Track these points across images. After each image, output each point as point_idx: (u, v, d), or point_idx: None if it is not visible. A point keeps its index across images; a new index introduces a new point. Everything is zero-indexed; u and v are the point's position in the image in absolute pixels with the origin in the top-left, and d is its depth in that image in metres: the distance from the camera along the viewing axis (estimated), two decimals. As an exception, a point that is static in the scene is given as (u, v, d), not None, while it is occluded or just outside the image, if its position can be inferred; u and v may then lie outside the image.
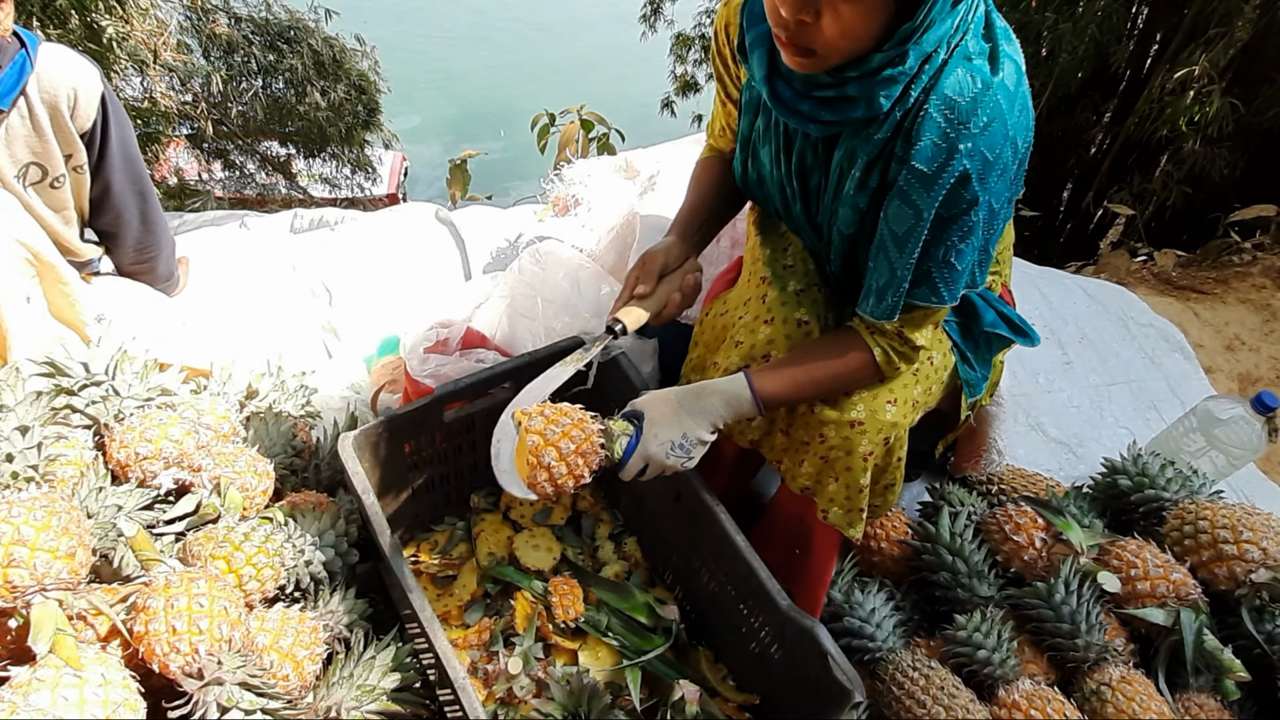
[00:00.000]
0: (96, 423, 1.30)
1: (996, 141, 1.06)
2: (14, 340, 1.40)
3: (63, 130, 1.48)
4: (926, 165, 1.07)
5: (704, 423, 1.20)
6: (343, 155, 7.01)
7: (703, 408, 1.20)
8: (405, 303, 2.24)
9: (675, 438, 1.18)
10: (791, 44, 1.02)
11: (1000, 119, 1.06)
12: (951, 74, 1.05)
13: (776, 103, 1.15)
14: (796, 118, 1.14)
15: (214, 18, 5.65)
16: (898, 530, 1.66)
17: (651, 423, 1.18)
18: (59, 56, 1.44)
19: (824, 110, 1.11)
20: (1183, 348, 2.56)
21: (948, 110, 1.05)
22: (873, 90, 1.06)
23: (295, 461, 1.48)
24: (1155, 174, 4.63)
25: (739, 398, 1.22)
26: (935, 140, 1.06)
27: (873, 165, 1.15)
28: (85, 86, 1.46)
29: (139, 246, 1.72)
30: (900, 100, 1.08)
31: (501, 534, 1.59)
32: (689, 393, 1.22)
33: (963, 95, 1.05)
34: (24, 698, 0.86)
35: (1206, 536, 1.52)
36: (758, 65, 1.15)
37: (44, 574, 0.96)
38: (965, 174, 1.07)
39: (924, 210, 1.10)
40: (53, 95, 1.43)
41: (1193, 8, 4.20)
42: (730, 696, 1.43)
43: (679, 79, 9.39)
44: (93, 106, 1.49)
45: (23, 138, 1.45)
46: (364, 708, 1.17)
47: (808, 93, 1.11)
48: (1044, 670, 1.46)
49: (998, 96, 1.05)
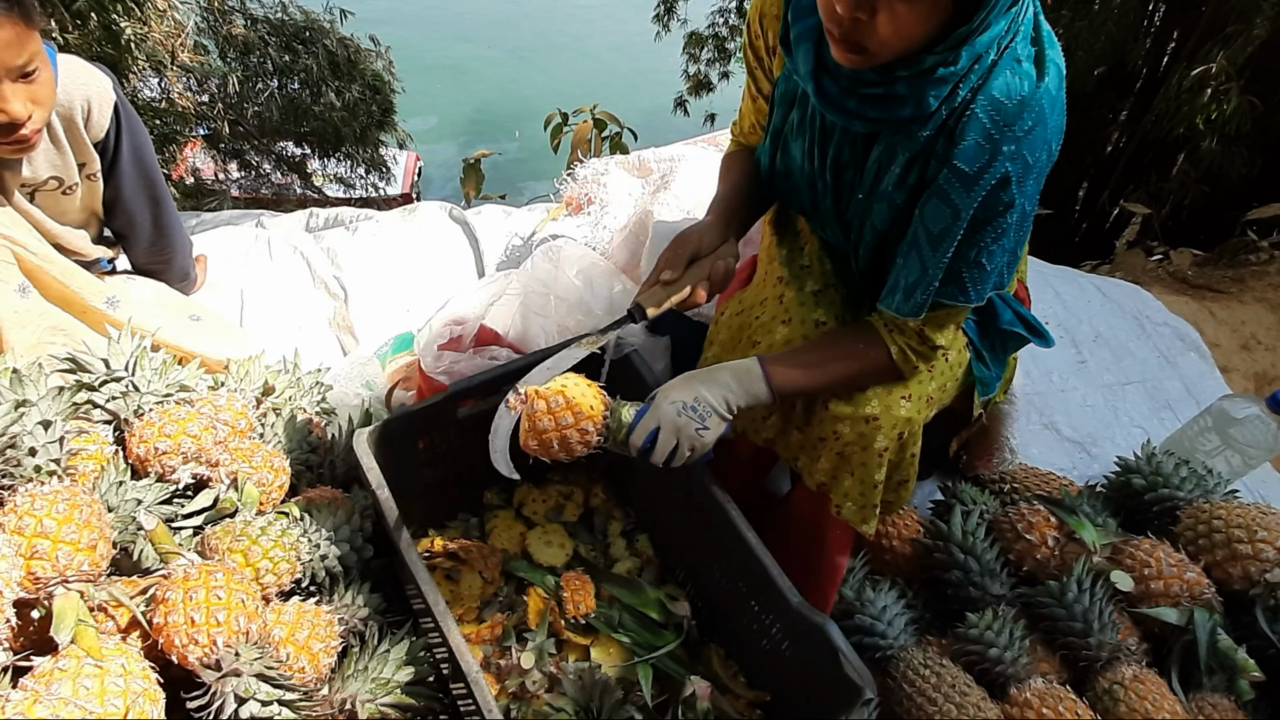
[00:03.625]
0: (117, 418, 1.31)
1: (1037, 146, 1.07)
2: (8, 332, 1.41)
3: (78, 140, 1.50)
4: (969, 165, 1.07)
5: (716, 392, 1.19)
6: (357, 155, 7.03)
7: (714, 378, 1.21)
8: (419, 300, 2.26)
9: (687, 399, 1.17)
10: (844, 40, 1.01)
11: (1043, 123, 1.06)
12: (1000, 75, 1.05)
13: (821, 98, 1.13)
14: (841, 114, 1.13)
15: (231, 19, 5.68)
16: (910, 529, 1.66)
17: (663, 391, 1.19)
18: (72, 67, 1.45)
19: (870, 108, 1.10)
20: (1198, 347, 2.54)
21: (994, 112, 1.05)
22: (923, 90, 1.05)
23: (311, 457, 1.49)
24: (1172, 173, 4.59)
25: (750, 373, 1.22)
26: (979, 140, 1.06)
27: (913, 162, 1.14)
28: (99, 96, 1.48)
29: (152, 248, 1.74)
30: (947, 99, 1.07)
31: (514, 530, 1.60)
32: (700, 369, 1.24)
33: (1010, 98, 1.04)
34: (46, 687, 0.88)
35: (1221, 536, 1.51)
36: (803, 59, 1.13)
37: (66, 566, 0.97)
38: (1006, 176, 1.07)
39: (962, 210, 1.10)
40: (68, 107, 1.45)
41: (1210, 5, 4.17)
42: (741, 693, 1.43)
43: (692, 78, 9.38)
44: (106, 116, 1.51)
45: (43, 152, 1.47)
46: (378, 701, 1.18)
47: (854, 89, 1.10)
48: (1056, 669, 1.45)
49: (1042, 101, 1.05)
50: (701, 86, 9.33)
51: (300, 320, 2.19)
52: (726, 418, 1.21)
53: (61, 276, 1.49)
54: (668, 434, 1.17)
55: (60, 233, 1.58)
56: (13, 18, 1.22)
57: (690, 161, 2.21)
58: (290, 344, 1.87)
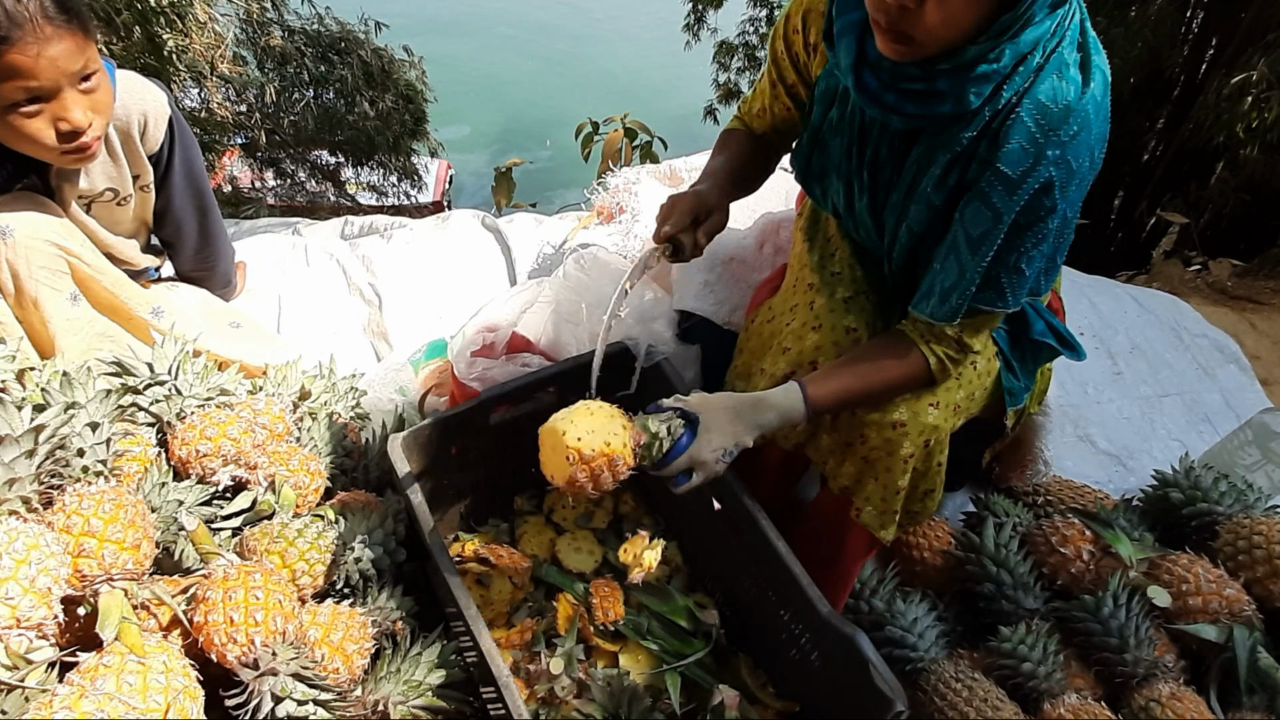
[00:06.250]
0: (160, 420, 1.35)
1: (1081, 152, 1.06)
2: (60, 339, 1.46)
3: (134, 153, 1.54)
4: (1012, 169, 1.07)
5: (755, 433, 1.19)
6: (390, 164, 7.13)
7: (758, 421, 1.19)
8: (452, 307, 2.29)
9: (728, 445, 1.16)
10: (890, 30, 1.00)
11: (1087, 129, 1.05)
12: (1047, 79, 1.05)
13: (861, 92, 1.13)
14: (880, 108, 1.12)
15: (269, 30, 5.80)
16: (941, 540, 1.64)
17: (706, 428, 1.15)
18: (130, 83, 1.50)
19: (910, 103, 1.10)
20: (1238, 359, 2.49)
21: (1040, 116, 1.05)
22: (964, 86, 1.04)
23: (345, 461, 1.51)
24: (1211, 181, 4.51)
25: (794, 410, 1.21)
26: (1024, 144, 1.06)
27: (954, 164, 1.14)
28: (155, 111, 1.53)
29: (198, 256, 1.79)
30: (990, 100, 1.06)
31: (544, 536, 1.61)
32: (746, 403, 1.20)
33: (1056, 103, 1.04)
34: (91, 682, 0.90)
35: (1262, 552, 1.49)
36: (844, 53, 1.13)
37: (111, 564, 1.00)
38: (1049, 181, 1.07)
39: (1004, 214, 1.09)
40: (125, 122, 1.50)
41: (1251, 12, 4.09)
42: (770, 703, 1.43)
43: (721, 87, 9.40)
44: (161, 129, 1.55)
45: (100, 165, 1.52)
46: (410, 702, 1.19)
47: (895, 84, 1.09)
48: (1091, 685, 1.43)
49: (1088, 107, 1.05)
50: (731, 95, 9.34)
51: (336, 326, 2.23)
52: (749, 445, 1.20)
53: (112, 287, 1.54)
54: (701, 474, 1.16)
55: (113, 243, 1.62)
56: (72, 29, 1.27)
57: (721, 170, 2.21)
58: (326, 350, 1.90)
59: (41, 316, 1.45)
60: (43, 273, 1.42)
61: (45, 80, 1.27)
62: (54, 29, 1.25)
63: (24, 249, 1.39)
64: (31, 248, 1.40)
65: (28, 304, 1.43)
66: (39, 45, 1.24)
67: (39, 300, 1.43)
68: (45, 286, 1.43)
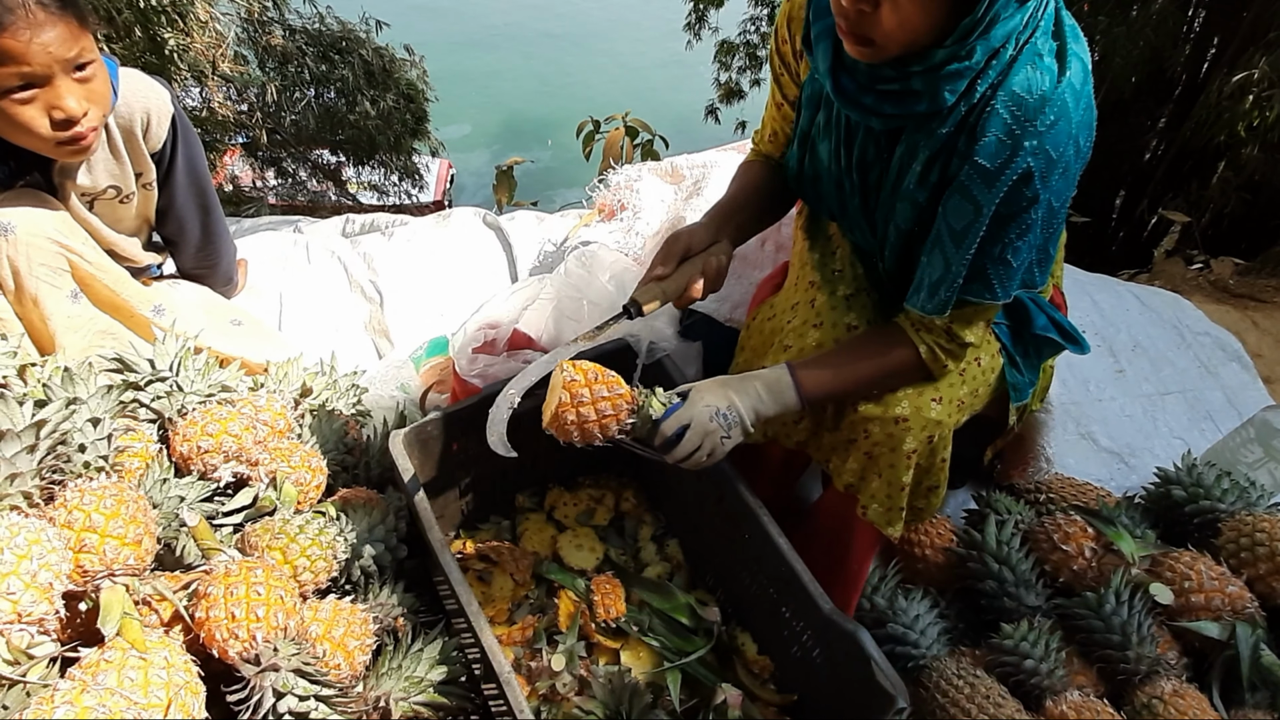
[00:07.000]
0: (161, 417, 1.35)
1: (1061, 140, 1.06)
2: (60, 336, 1.46)
3: (136, 151, 1.54)
4: (989, 161, 1.07)
5: (747, 402, 1.20)
6: (391, 163, 7.12)
7: (746, 388, 1.22)
8: (453, 305, 2.29)
9: (721, 405, 1.18)
10: (851, 33, 1.02)
11: (1066, 118, 1.06)
12: (1020, 71, 1.05)
13: (839, 95, 1.15)
14: (859, 110, 1.14)
15: (270, 30, 5.80)
16: (943, 538, 1.64)
17: (698, 391, 1.19)
18: (133, 81, 1.50)
19: (887, 104, 1.11)
20: (1240, 357, 2.49)
21: (1015, 107, 1.05)
22: (937, 84, 1.05)
23: (346, 458, 1.51)
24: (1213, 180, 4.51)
25: (780, 382, 1.23)
26: (1000, 136, 1.06)
27: (934, 160, 1.15)
28: (158, 109, 1.52)
29: (200, 254, 1.79)
30: (965, 95, 1.07)
31: (546, 533, 1.61)
32: (733, 375, 1.25)
33: (1031, 93, 1.05)
34: (93, 677, 0.90)
35: (1264, 549, 1.48)
36: (822, 57, 1.15)
37: (113, 560, 1.00)
38: (1028, 171, 1.07)
39: (984, 206, 1.10)
40: (128, 119, 1.50)
41: (1252, 11, 4.09)
42: (769, 699, 1.43)
43: (723, 86, 9.40)
44: (164, 127, 1.55)
45: (102, 162, 1.52)
46: (411, 699, 1.19)
47: (871, 85, 1.11)
48: (1093, 682, 1.43)
49: (1064, 95, 1.05)
50: (732, 94, 9.36)
51: (337, 323, 2.23)
52: (750, 431, 1.22)
53: (113, 285, 1.54)
54: (696, 434, 1.17)
55: (115, 240, 1.62)
56: (65, 16, 1.27)
57: (722, 168, 2.21)
58: (327, 347, 1.90)
59: (42, 314, 1.45)
60: (43, 270, 1.42)
61: (37, 65, 1.27)
62: (46, 14, 1.25)
63: (25, 246, 1.39)
64: (32, 245, 1.40)
65: (28, 301, 1.43)
66: (31, 30, 1.24)
67: (39, 298, 1.43)
68: (45, 284, 1.43)
